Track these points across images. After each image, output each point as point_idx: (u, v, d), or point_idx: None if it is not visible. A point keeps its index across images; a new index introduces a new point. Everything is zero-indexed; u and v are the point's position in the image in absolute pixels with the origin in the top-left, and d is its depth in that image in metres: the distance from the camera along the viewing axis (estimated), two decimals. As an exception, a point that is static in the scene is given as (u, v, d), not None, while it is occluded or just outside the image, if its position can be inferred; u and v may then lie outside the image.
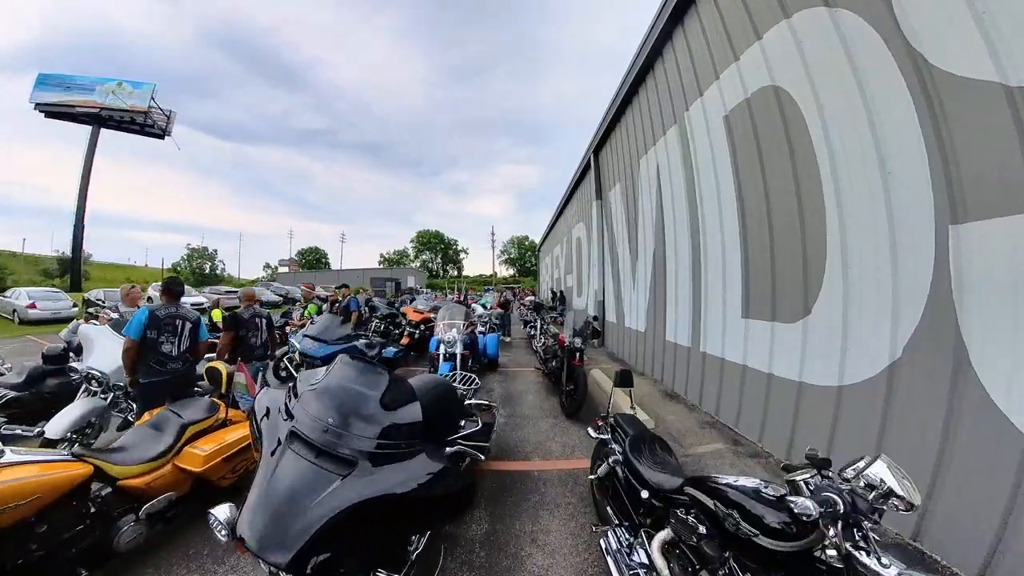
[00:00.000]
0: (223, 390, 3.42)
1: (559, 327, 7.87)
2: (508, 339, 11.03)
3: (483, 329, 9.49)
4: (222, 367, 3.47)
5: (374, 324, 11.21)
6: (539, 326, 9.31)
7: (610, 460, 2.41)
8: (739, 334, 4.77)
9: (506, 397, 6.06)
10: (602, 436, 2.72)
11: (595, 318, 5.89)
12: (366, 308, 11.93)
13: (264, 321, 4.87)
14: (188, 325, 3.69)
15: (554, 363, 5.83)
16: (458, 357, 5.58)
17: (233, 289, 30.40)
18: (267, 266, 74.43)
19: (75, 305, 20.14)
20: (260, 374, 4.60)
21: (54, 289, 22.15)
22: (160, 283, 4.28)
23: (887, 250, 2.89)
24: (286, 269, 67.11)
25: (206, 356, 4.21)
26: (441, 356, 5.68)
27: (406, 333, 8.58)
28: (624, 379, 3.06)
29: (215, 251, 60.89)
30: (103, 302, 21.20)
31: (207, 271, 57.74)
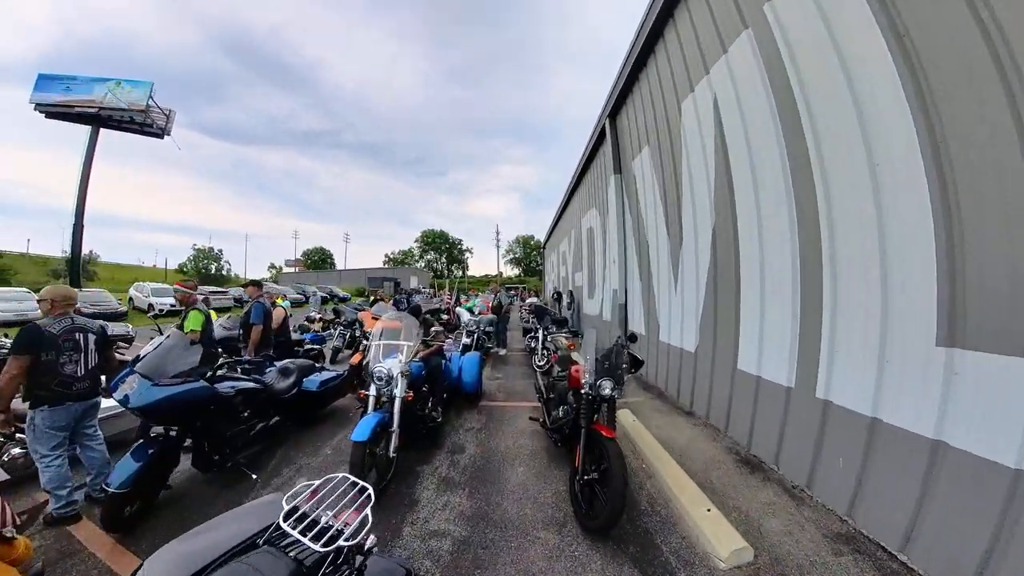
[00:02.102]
0: None
1: (575, 349, 5.44)
2: (503, 351, 8.69)
3: (467, 341, 7.15)
4: None
5: (338, 331, 8.99)
6: (540, 337, 6.94)
7: None
8: (926, 376, 2.38)
9: (477, 471, 3.59)
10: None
11: (632, 337, 3.44)
12: (322, 314, 9.74)
13: (92, 338, 3.08)
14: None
15: (561, 413, 3.43)
16: (396, 406, 3.25)
17: (220, 289, 28.63)
18: (272, 266, 74.50)
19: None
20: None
21: (23, 289, 20.50)
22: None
23: None
24: (292, 269, 66.80)
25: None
26: (370, 402, 3.36)
27: (360, 348, 6.27)
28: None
29: (220, 251, 62.29)
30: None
31: (213, 271, 58.94)
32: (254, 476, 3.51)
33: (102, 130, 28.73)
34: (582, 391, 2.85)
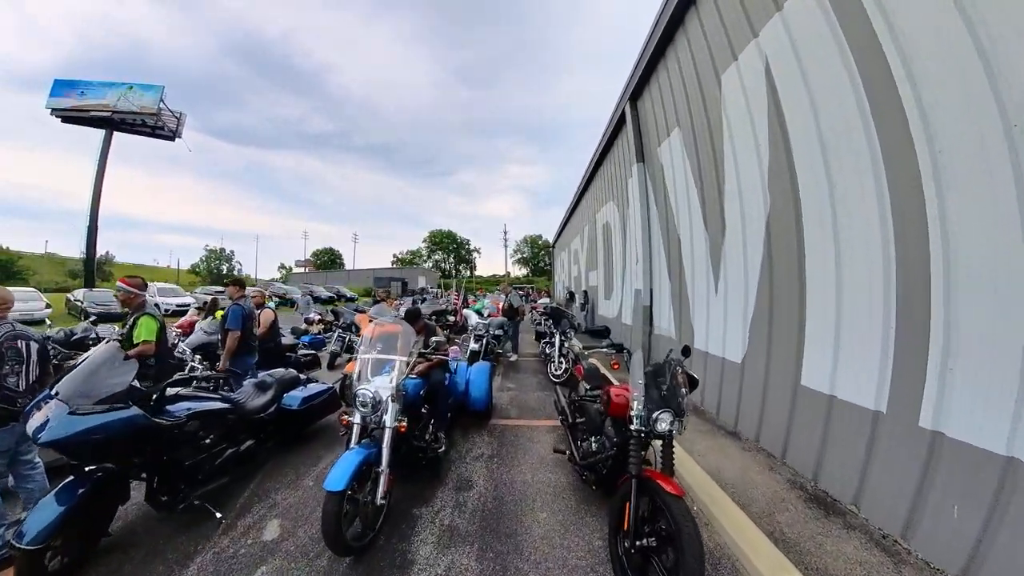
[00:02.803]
0: None
1: (605, 362, 4.72)
2: (514, 357, 8.01)
3: (476, 347, 6.49)
4: None
5: (336, 335, 8.37)
6: (557, 343, 6.24)
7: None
8: None
9: (488, 517, 2.81)
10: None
11: (687, 351, 2.68)
12: (324, 316, 9.15)
13: (35, 347, 2.71)
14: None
15: (594, 446, 2.70)
16: (386, 439, 2.59)
17: (220, 289, 28.41)
18: (282, 266, 75.23)
19: (48, 306, 18.40)
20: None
21: (29, 289, 20.57)
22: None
23: None
24: (302, 269, 67.40)
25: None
26: (354, 431, 2.71)
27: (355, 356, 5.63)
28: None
29: (232, 252, 63.43)
30: (81, 303, 19.60)
31: (224, 271, 60.00)
32: (219, 515, 2.88)
33: (117, 134, 29.59)
34: (631, 426, 2.14)
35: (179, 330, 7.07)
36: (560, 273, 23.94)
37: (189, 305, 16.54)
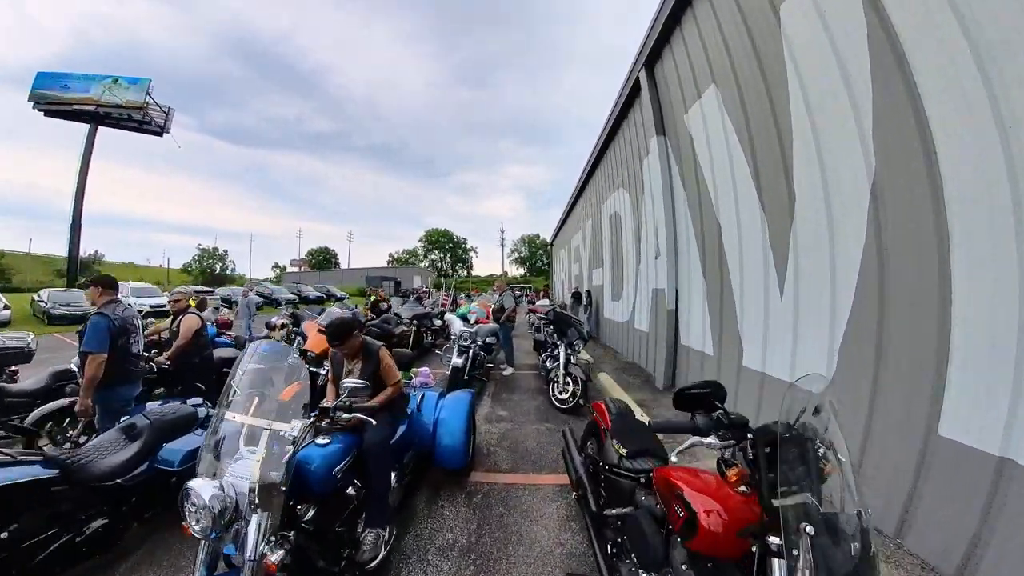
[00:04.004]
0: None
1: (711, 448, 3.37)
2: (509, 371, 6.71)
3: (459, 362, 5.21)
4: None
5: (296, 343, 7.03)
6: (562, 358, 4.93)
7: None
8: None
9: None
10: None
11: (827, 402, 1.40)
12: (282, 323, 7.83)
13: None
14: None
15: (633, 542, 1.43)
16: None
17: (204, 289, 26.92)
18: (276, 265, 73.89)
19: (7, 307, 17.04)
20: None
21: (-12, 293, 19.12)
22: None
23: None
24: (296, 269, 66.11)
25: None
26: (199, 557, 1.40)
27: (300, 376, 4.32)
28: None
29: (225, 251, 62.36)
30: (44, 303, 18.19)
31: (217, 271, 58.84)
32: None
33: (110, 131, 28.77)
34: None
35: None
36: (559, 272, 22.63)
37: (166, 307, 15.19)
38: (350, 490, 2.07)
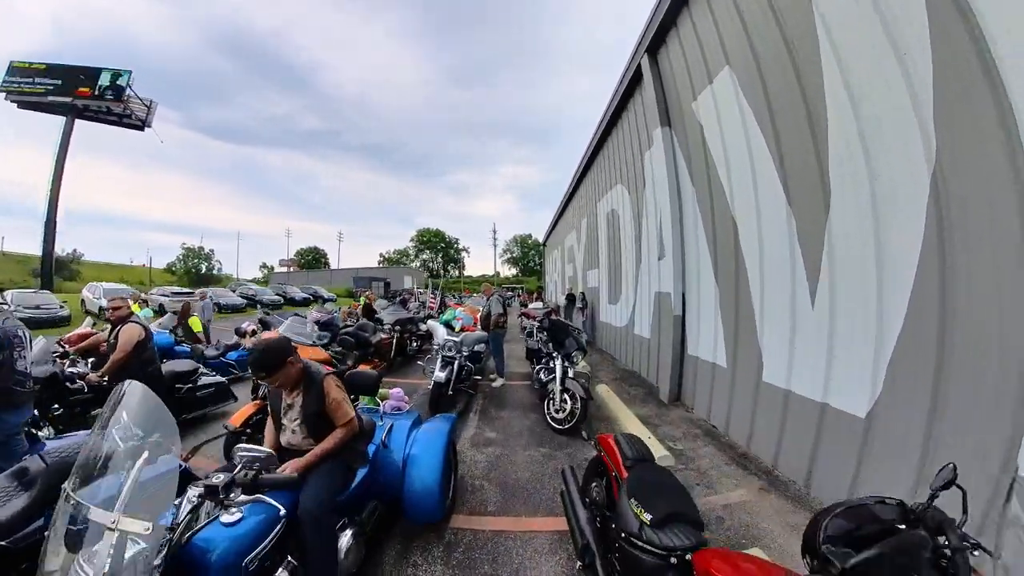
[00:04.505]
0: None
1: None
2: (500, 382, 6.18)
3: (441, 376, 4.67)
4: None
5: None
6: (558, 370, 4.41)
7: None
8: None
9: None
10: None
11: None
12: (253, 329, 7.23)
13: None
14: None
15: None
16: None
17: (183, 290, 25.79)
18: (263, 265, 72.39)
19: (-24, 310, 15.95)
20: None
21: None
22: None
23: None
24: (285, 269, 64.74)
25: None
26: None
27: (261, 395, 3.74)
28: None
29: (211, 251, 60.62)
30: (8, 304, 17.17)
31: (203, 271, 57.28)
32: None
33: (90, 125, 27.65)
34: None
35: (67, 346, 5.12)
36: (551, 273, 22.15)
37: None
38: (281, 574, 1.53)
